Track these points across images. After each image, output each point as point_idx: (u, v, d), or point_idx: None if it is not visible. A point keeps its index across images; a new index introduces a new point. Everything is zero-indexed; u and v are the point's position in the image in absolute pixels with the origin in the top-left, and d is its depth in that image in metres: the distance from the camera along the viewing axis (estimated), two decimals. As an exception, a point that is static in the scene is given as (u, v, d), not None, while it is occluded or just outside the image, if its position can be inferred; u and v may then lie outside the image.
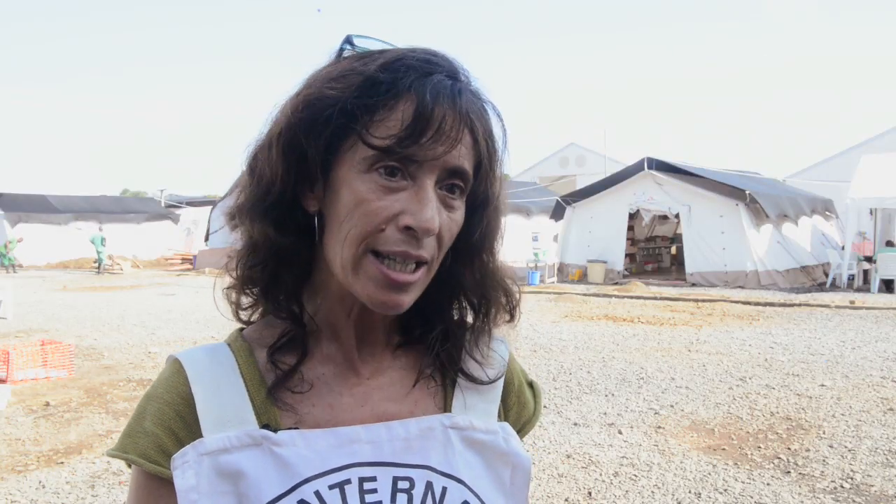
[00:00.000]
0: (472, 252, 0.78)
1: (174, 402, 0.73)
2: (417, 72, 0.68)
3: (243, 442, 0.70)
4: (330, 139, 0.69)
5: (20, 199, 27.58)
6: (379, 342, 0.80)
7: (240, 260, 0.77)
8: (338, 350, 0.78)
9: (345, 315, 0.76)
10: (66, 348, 7.54)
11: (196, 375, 0.74)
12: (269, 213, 0.73)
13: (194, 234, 29.32)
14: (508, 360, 0.86)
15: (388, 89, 0.67)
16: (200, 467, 0.69)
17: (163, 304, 14.06)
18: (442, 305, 0.80)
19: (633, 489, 4.26)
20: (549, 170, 39.06)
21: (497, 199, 0.77)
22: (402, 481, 0.71)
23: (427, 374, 0.80)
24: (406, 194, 0.67)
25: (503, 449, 0.79)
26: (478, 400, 0.81)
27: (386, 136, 0.66)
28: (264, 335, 0.77)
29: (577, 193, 19.59)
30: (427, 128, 0.66)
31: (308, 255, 0.76)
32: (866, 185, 15.85)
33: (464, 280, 0.79)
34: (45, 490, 4.31)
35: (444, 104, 0.67)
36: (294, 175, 0.71)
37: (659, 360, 8.05)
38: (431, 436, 0.75)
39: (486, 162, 0.72)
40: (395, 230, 0.67)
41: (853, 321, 11.04)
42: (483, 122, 0.71)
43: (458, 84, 0.70)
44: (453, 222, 0.71)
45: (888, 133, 26.19)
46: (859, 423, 5.51)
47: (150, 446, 0.71)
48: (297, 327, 0.75)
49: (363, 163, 0.67)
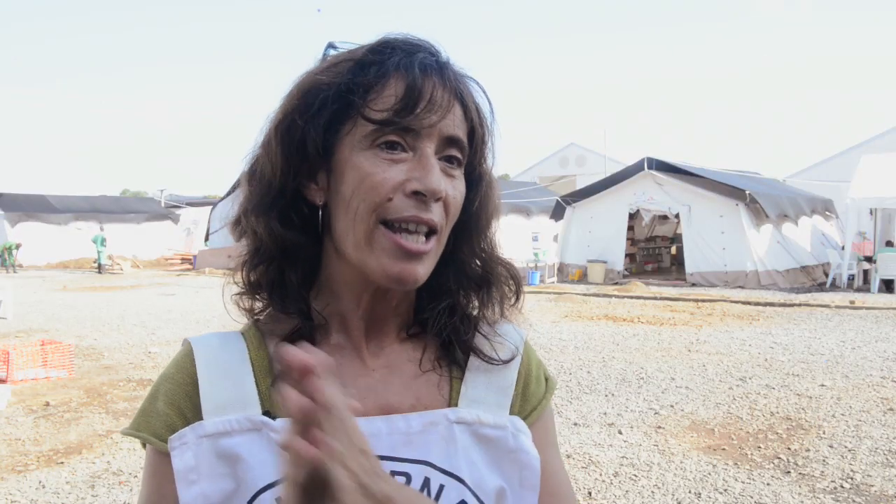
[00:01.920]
0: (471, 227, 0.79)
1: (183, 382, 0.75)
2: (403, 51, 0.71)
3: (243, 426, 0.71)
4: (328, 122, 0.71)
5: (20, 199, 27.59)
6: (388, 334, 0.79)
7: (244, 264, 0.78)
8: (346, 340, 0.78)
9: (354, 306, 0.76)
10: (66, 348, 7.54)
11: (203, 358, 0.75)
12: (272, 208, 0.73)
13: (194, 235, 29.33)
14: (525, 349, 0.84)
15: (377, 69, 0.70)
16: (200, 449, 0.70)
17: (163, 304, 14.05)
18: (447, 283, 0.80)
19: (633, 489, 4.26)
20: (549, 170, 39.08)
21: (490, 172, 0.79)
22: (399, 476, 0.71)
23: (433, 361, 0.79)
24: (409, 164, 0.69)
25: (511, 446, 0.76)
26: (487, 392, 0.79)
27: (382, 110, 0.69)
28: (277, 326, 0.78)
29: (577, 193, 19.59)
30: (419, 99, 0.69)
31: (313, 251, 0.76)
32: (866, 185, 15.85)
33: (465, 256, 0.80)
34: (45, 490, 4.31)
35: (433, 77, 0.71)
36: (294, 165, 0.72)
37: (659, 360, 8.04)
38: (434, 431, 0.74)
39: (479, 131, 0.75)
40: (402, 197, 0.69)
41: (853, 321, 11.04)
42: (471, 94, 0.75)
43: (441, 60, 0.74)
44: (457, 191, 0.73)
45: (888, 133, 26.20)
46: (859, 423, 5.51)
47: (160, 425, 0.73)
48: (305, 323, 0.76)
49: (364, 140, 0.70)
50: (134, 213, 30.60)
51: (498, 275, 0.82)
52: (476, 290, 0.82)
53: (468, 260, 0.80)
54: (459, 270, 0.80)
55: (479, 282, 0.82)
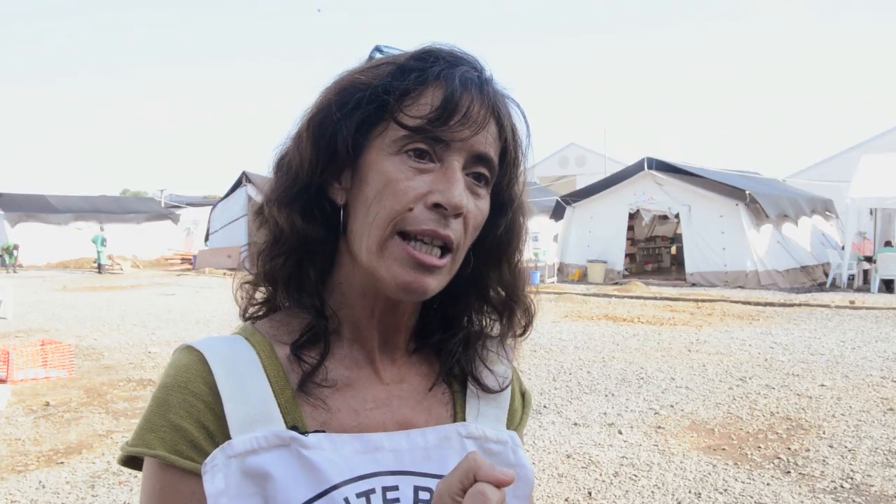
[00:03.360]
0: (498, 252, 0.78)
1: (201, 392, 0.69)
2: (446, 62, 0.71)
3: (271, 443, 0.67)
4: (361, 122, 0.70)
5: (20, 199, 27.57)
6: (399, 346, 0.79)
7: (262, 253, 0.77)
8: (360, 352, 0.77)
9: (368, 314, 0.76)
10: (66, 348, 7.53)
11: (220, 367, 0.70)
12: (296, 200, 0.73)
13: (194, 235, 29.32)
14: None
15: (418, 76, 0.69)
16: (228, 470, 0.66)
17: (163, 304, 14.05)
18: (466, 309, 0.81)
19: (633, 489, 4.26)
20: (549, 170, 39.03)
21: (521, 197, 0.78)
22: (423, 491, 0.71)
23: (441, 381, 0.80)
24: (434, 175, 0.69)
25: (511, 461, 0.79)
26: (488, 407, 0.82)
27: (416, 117, 0.68)
28: (281, 331, 0.76)
29: (577, 193, 19.60)
30: (455, 111, 0.68)
31: (332, 248, 0.76)
32: (866, 185, 15.84)
33: (489, 282, 0.79)
34: (45, 490, 4.31)
35: (472, 91, 0.70)
36: (323, 160, 0.72)
37: (659, 360, 8.04)
38: (448, 445, 0.75)
39: (511, 153, 0.74)
40: (423, 209, 0.68)
41: (853, 321, 11.04)
42: (508, 114, 0.74)
43: (484, 76, 0.72)
44: (479, 210, 0.72)
45: (888, 133, 26.16)
46: (859, 423, 5.51)
47: (180, 440, 0.67)
48: (319, 321, 0.74)
49: (393, 145, 0.69)
50: (134, 213, 30.59)
51: (519, 307, 0.82)
52: (491, 317, 0.82)
53: (492, 286, 0.80)
54: (481, 296, 0.80)
55: (499, 310, 0.82)
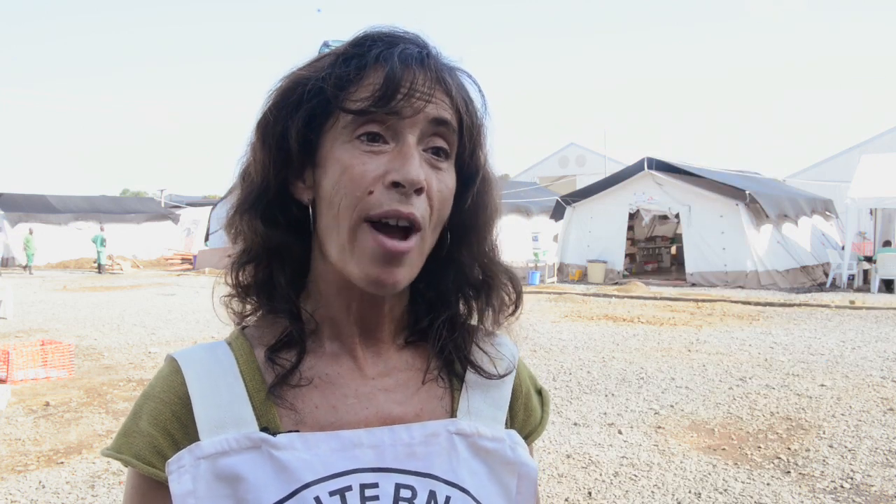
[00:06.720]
0: (468, 227, 0.77)
1: (171, 401, 0.71)
2: (385, 43, 0.70)
3: (242, 445, 0.68)
4: (310, 117, 0.70)
5: (20, 199, 27.56)
6: (384, 339, 0.77)
7: (232, 264, 0.76)
8: (340, 348, 0.76)
9: (345, 310, 0.75)
10: (66, 348, 7.53)
11: (193, 375, 0.72)
12: (256, 206, 0.73)
13: (194, 235, 29.31)
14: (518, 365, 0.84)
15: (358, 62, 0.69)
16: (198, 471, 0.67)
17: (163, 304, 14.06)
18: (447, 291, 0.79)
19: (633, 489, 4.26)
20: (549, 170, 39.03)
21: (485, 167, 0.76)
22: (405, 489, 0.69)
23: (434, 374, 0.78)
24: (389, 155, 0.68)
25: (509, 458, 0.77)
26: (485, 405, 0.79)
27: (360, 100, 0.67)
28: (265, 333, 0.75)
29: (577, 193, 19.58)
30: (398, 88, 0.67)
31: (301, 251, 0.75)
32: (866, 185, 15.85)
33: (464, 259, 0.78)
34: (45, 490, 4.31)
35: (413, 67, 0.69)
36: (277, 161, 0.71)
37: (659, 360, 8.04)
38: (436, 442, 0.73)
39: (467, 121, 0.72)
40: (382, 190, 0.67)
41: (853, 321, 11.04)
42: (457, 82, 0.72)
43: (426, 51, 0.71)
44: (443, 184, 0.71)
45: (888, 133, 26.15)
46: (859, 423, 5.51)
47: (144, 447, 0.69)
48: (294, 324, 0.74)
49: (344, 133, 0.69)
50: (134, 214, 30.57)
51: (499, 282, 0.80)
52: (475, 298, 0.80)
53: (468, 263, 0.78)
54: (459, 275, 0.78)
55: (478, 288, 0.79)
